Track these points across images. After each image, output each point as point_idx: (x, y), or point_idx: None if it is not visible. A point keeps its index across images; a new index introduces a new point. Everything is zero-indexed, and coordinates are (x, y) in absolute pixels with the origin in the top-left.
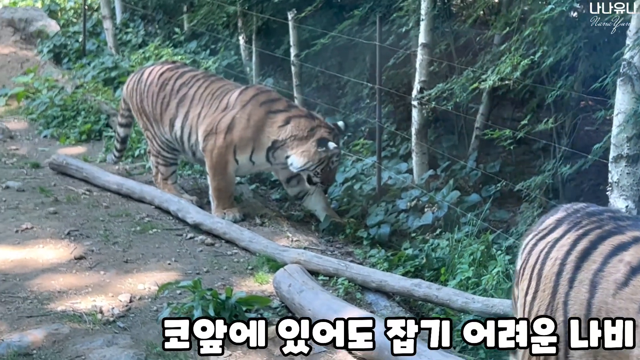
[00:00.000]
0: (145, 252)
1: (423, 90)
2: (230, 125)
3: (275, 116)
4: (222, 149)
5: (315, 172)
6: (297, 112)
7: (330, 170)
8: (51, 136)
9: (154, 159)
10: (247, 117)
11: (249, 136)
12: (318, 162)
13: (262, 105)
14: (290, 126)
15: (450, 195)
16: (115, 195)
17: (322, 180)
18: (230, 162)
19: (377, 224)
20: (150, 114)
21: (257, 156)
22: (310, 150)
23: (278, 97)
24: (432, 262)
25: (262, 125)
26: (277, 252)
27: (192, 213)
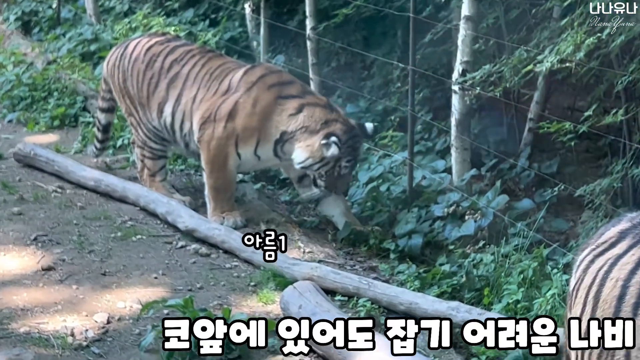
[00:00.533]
0: (127, 263)
1: (466, 72)
2: (232, 111)
3: (286, 102)
4: (222, 140)
5: (319, 173)
6: (313, 100)
7: (339, 175)
8: (17, 121)
9: (139, 150)
10: (252, 103)
11: (253, 125)
12: (320, 160)
13: (270, 89)
14: (302, 115)
15: (497, 201)
16: (93, 194)
17: (326, 185)
18: (231, 155)
19: (407, 233)
20: (135, 96)
21: (263, 150)
22: (314, 144)
23: (291, 80)
24: (474, 281)
25: (270, 113)
26: (285, 266)
27: (184, 217)
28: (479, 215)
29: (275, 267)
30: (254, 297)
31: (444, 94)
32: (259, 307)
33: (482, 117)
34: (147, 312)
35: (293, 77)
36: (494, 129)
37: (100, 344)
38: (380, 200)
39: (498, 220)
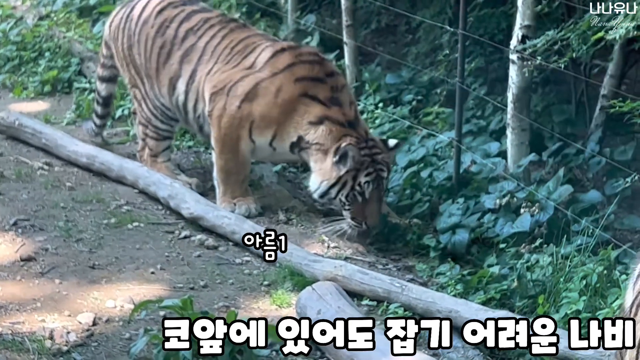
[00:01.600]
0: (120, 255)
1: (526, 39)
2: (251, 92)
3: (311, 105)
4: (235, 120)
5: (341, 201)
6: (337, 114)
7: (364, 199)
8: (2, 85)
9: (141, 128)
10: (275, 91)
11: (273, 117)
12: (337, 181)
13: (297, 83)
14: (321, 129)
15: (559, 192)
16: (85, 173)
17: (353, 215)
18: (243, 139)
19: (451, 228)
20: (141, 66)
21: (280, 145)
22: (327, 165)
23: (322, 76)
24: (527, 286)
25: (292, 111)
26: (305, 263)
27: (189, 202)
28: (537, 209)
29: (293, 264)
30: (266, 298)
31: (500, 64)
32: (272, 310)
33: (545, 92)
34: (140, 313)
35: (327, 69)
36: (559, 107)
37: (83, 350)
38: (421, 188)
39: (559, 215)
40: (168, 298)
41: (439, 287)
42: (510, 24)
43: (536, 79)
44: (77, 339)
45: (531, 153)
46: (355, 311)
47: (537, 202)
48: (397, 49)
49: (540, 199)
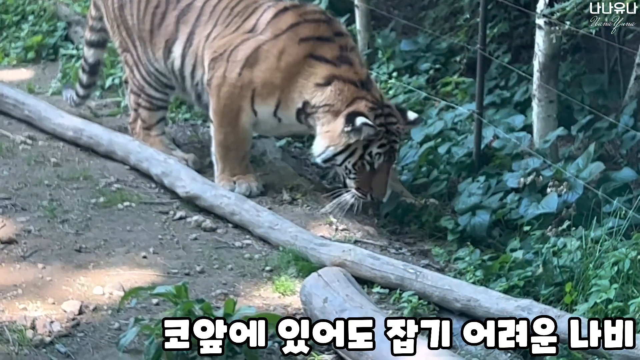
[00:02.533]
0: (109, 238)
1: (554, 2)
2: (252, 57)
3: (316, 66)
4: (235, 89)
5: (346, 169)
6: (348, 72)
7: (372, 169)
8: None
9: (133, 97)
10: (277, 54)
11: (276, 83)
12: (345, 148)
13: (302, 44)
14: (329, 90)
15: (589, 170)
16: (71, 147)
17: (358, 185)
18: (244, 110)
19: (470, 209)
20: (134, 28)
21: (284, 113)
22: (335, 129)
23: (329, 35)
24: (553, 273)
25: (296, 74)
26: (311, 247)
27: (184, 180)
28: (565, 188)
29: (297, 248)
30: (268, 285)
31: (526, 29)
32: (275, 298)
33: (575, 60)
34: (130, 301)
35: (335, 28)
36: (590, 77)
37: (68, 341)
38: (438, 166)
39: (589, 195)
40: (161, 285)
41: (456, 274)
42: None
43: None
44: (62, 329)
45: (559, 127)
46: (365, 299)
47: (565, 180)
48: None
49: (568, 177)
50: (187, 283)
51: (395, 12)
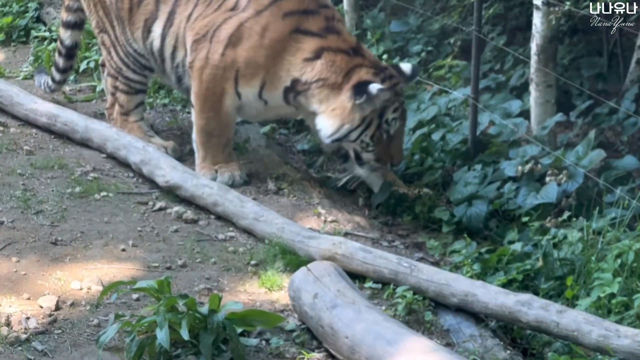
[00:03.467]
0: (86, 230)
1: None
2: (234, 36)
3: (303, 40)
4: (218, 71)
5: (363, 142)
6: (336, 42)
7: (389, 136)
8: None
9: (110, 81)
10: (260, 31)
11: (260, 61)
12: (360, 123)
13: (286, 18)
14: (320, 63)
15: (590, 157)
16: (45, 134)
17: (378, 156)
18: (228, 93)
19: (466, 199)
20: (111, 6)
21: (270, 94)
22: (344, 105)
23: (314, 8)
24: (553, 266)
25: (282, 50)
26: (299, 240)
27: (164, 168)
28: (565, 177)
29: (284, 241)
30: (254, 280)
31: (522, 9)
32: (261, 294)
33: (574, 43)
34: (109, 296)
35: (323, 3)
36: (589, 60)
37: (45, 338)
38: (432, 153)
39: (590, 184)
40: (141, 279)
41: (452, 267)
42: None
43: (563, 28)
44: (38, 325)
45: (558, 113)
46: (358, 295)
47: (565, 169)
48: None
49: (568, 165)
50: (169, 277)
51: None
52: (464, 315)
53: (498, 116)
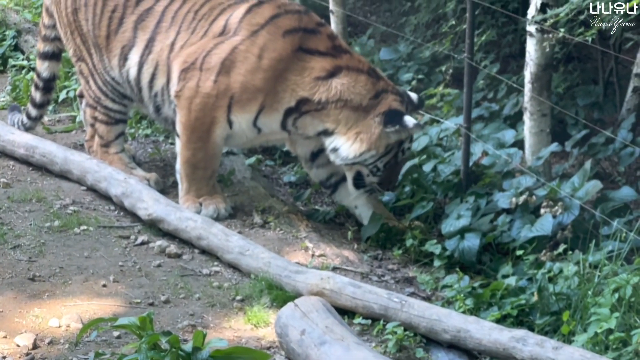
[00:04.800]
0: (65, 265)
1: (546, 7)
2: (228, 60)
3: (310, 60)
4: (209, 99)
5: (374, 167)
6: (353, 61)
7: (397, 164)
8: None
9: (89, 111)
10: (258, 52)
11: (258, 85)
12: (385, 151)
13: (287, 36)
14: (339, 82)
15: (586, 189)
16: (23, 166)
17: (381, 181)
18: (218, 122)
19: (458, 232)
20: (89, 34)
21: (267, 120)
22: (372, 130)
23: (315, 27)
24: (549, 300)
25: (285, 70)
26: (285, 275)
27: (146, 201)
28: (560, 209)
29: (271, 276)
30: (240, 316)
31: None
32: (247, 330)
33: (569, 71)
34: (89, 334)
35: (314, 19)
36: (584, 89)
37: None
38: (423, 185)
39: (586, 215)
40: (123, 315)
41: (445, 302)
42: None
43: (558, 55)
44: None
45: (553, 142)
46: (347, 331)
47: (560, 200)
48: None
49: (563, 197)
50: (152, 314)
51: (373, 18)
52: (456, 352)
53: (491, 146)
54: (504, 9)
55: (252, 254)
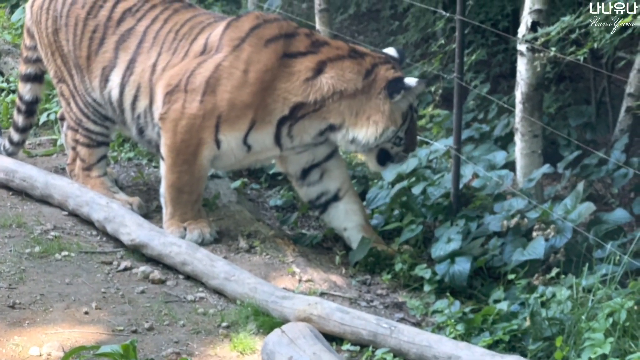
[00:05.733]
0: (46, 292)
1: (537, 26)
2: (213, 78)
3: (294, 64)
4: (196, 120)
5: (397, 139)
6: (332, 51)
7: (414, 125)
8: None
9: (70, 134)
10: (243, 66)
11: (246, 100)
12: (403, 120)
13: (269, 45)
14: (326, 77)
15: (579, 211)
16: (2, 191)
17: (407, 146)
18: (205, 143)
19: (449, 256)
20: (69, 54)
21: (259, 136)
22: (382, 109)
23: (294, 31)
24: (542, 326)
25: (273, 81)
26: (272, 300)
27: (129, 226)
28: (553, 232)
29: (257, 302)
30: (225, 343)
31: (506, 56)
32: (233, 357)
33: (561, 90)
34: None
35: (292, 23)
36: (576, 109)
37: None
38: (412, 208)
39: (579, 238)
40: (105, 343)
41: (435, 328)
42: (517, 9)
43: (549, 75)
44: None
45: (544, 164)
46: (335, 358)
47: (553, 223)
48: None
49: (556, 219)
50: (135, 341)
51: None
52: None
53: (482, 168)
54: (494, 28)
55: (237, 280)
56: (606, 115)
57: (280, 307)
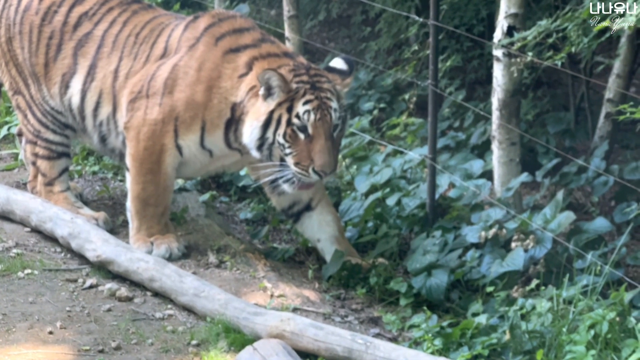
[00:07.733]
0: (8, 312)
1: (513, 31)
2: (170, 79)
3: (235, 58)
4: (157, 126)
5: (279, 144)
6: (269, 49)
7: (308, 135)
8: None
9: (29, 148)
10: (197, 65)
11: (198, 99)
12: (268, 117)
13: (219, 42)
14: (252, 74)
15: (558, 220)
16: None
17: (297, 159)
18: (168, 150)
19: (425, 268)
20: (25, 63)
21: (212, 137)
22: (258, 105)
23: (249, 27)
24: (522, 339)
25: (217, 78)
26: (243, 317)
27: (95, 242)
28: (532, 242)
29: (228, 318)
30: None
31: (482, 61)
32: None
33: (538, 97)
34: None
35: (252, 22)
36: (555, 115)
37: None
38: (387, 220)
39: (559, 248)
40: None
41: (412, 343)
42: (492, 13)
43: (526, 81)
44: None
45: (523, 172)
46: None
47: (532, 233)
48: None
49: (535, 229)
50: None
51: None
52: None
53: (458, 177)
54: (469, 33)
55: (207, 296)
56: (585, 122)
57: (252, 323)
